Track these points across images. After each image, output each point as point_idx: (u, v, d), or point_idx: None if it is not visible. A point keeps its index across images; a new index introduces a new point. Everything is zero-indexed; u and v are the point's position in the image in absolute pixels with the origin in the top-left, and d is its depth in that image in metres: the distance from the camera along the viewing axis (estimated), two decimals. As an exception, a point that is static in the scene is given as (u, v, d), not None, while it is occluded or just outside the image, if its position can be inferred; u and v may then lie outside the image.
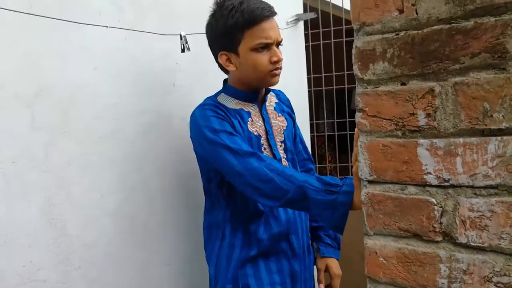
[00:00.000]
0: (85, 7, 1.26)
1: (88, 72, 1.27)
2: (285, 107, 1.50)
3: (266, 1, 1.30)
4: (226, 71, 1.39)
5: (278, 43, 1.31)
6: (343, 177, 1.07)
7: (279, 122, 1.41)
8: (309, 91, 2.60)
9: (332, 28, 2.55)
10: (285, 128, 1.42)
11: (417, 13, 0.68)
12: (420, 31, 0.68)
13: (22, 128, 1.12)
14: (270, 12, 1.27)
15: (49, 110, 1.17)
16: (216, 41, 1.32)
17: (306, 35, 2.55)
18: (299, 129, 1.56)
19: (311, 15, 2.42)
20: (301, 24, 2.47)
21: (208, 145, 1.24)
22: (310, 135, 2.59)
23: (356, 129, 0.79)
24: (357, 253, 1.49)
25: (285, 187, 1.09)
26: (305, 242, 1.43)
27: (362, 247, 0.78)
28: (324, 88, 2.66)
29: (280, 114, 1.44)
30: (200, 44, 1.59)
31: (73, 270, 1.22)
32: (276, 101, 1.47)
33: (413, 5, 0.68)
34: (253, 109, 1.37)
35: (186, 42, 1.47)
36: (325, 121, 2.91)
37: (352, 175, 1.02)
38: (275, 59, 1.28)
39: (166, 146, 1.51)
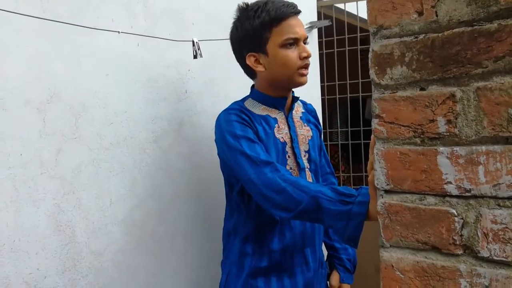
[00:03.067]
0: (98, 13, 1.26)
1: (99, 78, 1.26)
2: (311, 118, 1.48)
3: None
4: (252, 76, 1.38)
5: (305, 41, 1.31)
6: (358, 187, 1.04)
7: (304, 132, 1.40)
8: (323, 99, 2.58)
9: (346, 36, 2.52)
10: (310, 138, 1.40)
11: (437, 16, 0.65)
12: (440, 34, 0.65)
13: (32, 134, 1.11)
14: (295, 9, 1.29)
15: (60, 116, 1.17)
16: (243, 44, 1.32)
17: (320, 43, 2.53)
18: (323, 142, 1.54)
19: (325, 22, 2.40)
20: (315, 31, 2.45)
21: (228, 150, 1.23)
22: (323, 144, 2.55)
23: (372, 136, 0.76)
24: (372, 266, 1.46)
25: (298, 198, 1.06)
26: (321, 255, 1.40)
27: (377, 259, 0.75)
28: (338, 96, 2.63)
29: (305, 124, 1.42)
30: (212, 51, 1.58)
31: (81, 278, 1.20)
32: (303, 111, 1.46)
33: (433, 7, 0.65)
34: (279, 116, 1.36)
35: (199, 49, 1.46)
36: (339, 130, 2.87)
37: (366, 184, 0.98)
38: (304, 54, 1.28)
39: (177, 153, 1.49)
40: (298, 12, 1.30)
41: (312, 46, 2.45)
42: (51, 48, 1.15)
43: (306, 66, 1.30)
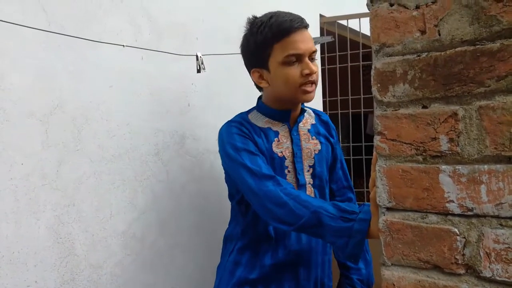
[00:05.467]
0: (103, 27, 1.27)
1: (103, 90, 1.27)
2: (323, 130, 1.42)
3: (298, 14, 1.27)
4: (260, 89, 1.38)
5: (311, 56, 1.26)
6: (361, 203, 1.03)
7: (311, 145, 1.35)
8: (325, 115, 2.58)
9: (349, 52, 2.54)
10: (317, 152, 1.35)
11: (439, 34, 0.66)
12: (443, 53, 0.65)
13: (35, 145, 1.11)
14: (299, 24, 1.23)
15: (62, 128, 1.17)
16: (249, 59, 1.31)
17: (322, 59, 2.54)
18: (341, 155, 1.49)
19: (328, 38, 2.41)
20: (317, 47, 2.47)
21: (229, 162, 1.23)
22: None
23: (374, 153, 0.75)
24: (373, 284, 1.44)
25: (299, 212, 1.05)
26: (318, 276, 1.34)
27: (378, 277, 0.74)
28: (340, 111, 2.64)
29: (314, 137, 1.37)
30: (216, 65, 1.59)
31: (79, 291, 1.19)
32: (314, 122, 1.41)
33: (435, 26, 0.66)
34: (282, 129, 1.33)
35: (202, 63, 1.47)
36: (340, 145, 2.86)
37: (367, 200, 0.98)
38: (306, 71, 1.22)
39: (179, 166, 1.49)
40: (305, 26, 1.25)
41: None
42: (55, 60, 1.16)
43: (310, 83, 1.24)
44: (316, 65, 1.27)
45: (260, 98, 1.39)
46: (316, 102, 2.47)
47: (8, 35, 1.06)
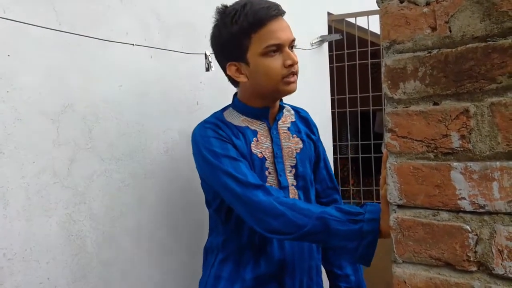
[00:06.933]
0: (112, 26, 1.28)
1: (113, 89, 1.28)
2: (303, 127, 1.33)
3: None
4: (235, 84, 1.26)
5: (291, 45, 1.18)
6: (361, 202, 1.02)
7: (291, 144, 1.26)
8: (333, 113, 2.58)
9: (357, 50, 2.53)
10: (298, 151, 1.26)
11: (450, 31, 0.65)
12: (454, 49, 0.65)
13: (46, 144, 1.12)
14: (277, 11, 1.14)
15: (73, 126, 1.18)
16: (223, 52, 1.21)
17: (330, 56, 2.54)
18: (324, 153, 1.40)
19: (336, 36, 2.41)
20: (325, 45, 2.46)
21: (208, 169, 1.14)
22: (333, 157, 2.55)
23: (384, 150, 0.75)
24: (383, 282, 1.43)
25: (299, 222, 0.99)
26: (304, 284, 1.25)
27: (388, 275, 0.74)
28: (348, 109, 2.63)
29: (294, 135, 1.28)
30: (225, 64, 1.59)
31: (91, 289, 1.20)
32: (294, 120, 1.32)
33: (446, 22, 0.66)
34: (260, 128, 1.23)
35: (211, 61, 1.48)
36: (349, 143, 2.86)
37: (376, 199, 0.97)
38: (289, 62, 1.15)
39: (188, 164, 1.50)
40: (282, 13, 1.16)
41: (323, 60, 2.46)
42: (66, 60, 1.17)
43: (292, 74, 1.17)
44: (295, 54, 1.18)
45: (235, 95, 1.30)
46: (325, 100, 2.47)
47: (19, 34, 1.07)
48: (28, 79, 1.09)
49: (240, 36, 1.14)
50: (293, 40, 1.18)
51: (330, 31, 2.49)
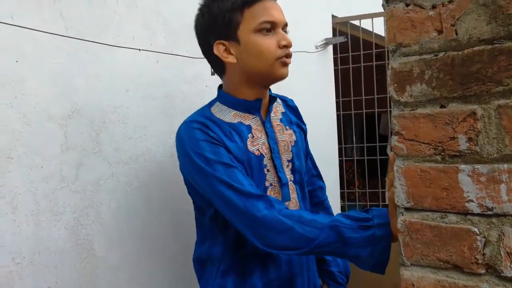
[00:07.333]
0: (119, 31, 1.29)
1: (119, 94, 1.29)
2: (293, 117, 1.25)
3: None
4: (221, 72, 1.16)
5: (284, 29, 1.12)
6: (365, 204, 1.00)
7: (286, 137, 1.18)
8: (338, 115, 2.58)
9: (361, 52, 2.53)
10: (293, 143, 1.19)
11: (457, 34, 0.65)
12: (460, 52, 0.65)
13: (54, 149, 1.13)
14: None
15: (81, 131, 1.19)
16: (210, 30, 1.11)
17: (335, 59, 2.54)
18: (307, 144, 1.33)
19: (341, 39, 2.41)
20: (330, 48, 2.47)
21: (199, 176, 1.04)
22: (339, 159, 2.55)
23: (391, 153, 0.75)
24: (391, 284, 1.42)
25: (309, 235, 0.93)
26: (310, 281, 1.21)
27: (396, 278, 0.74)
28: (353, 112, 2.63)
29: (287, 127, 1.20)
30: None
31: (98, 292, 1.21)
32: (283, 110, 1.23)
33: (452, 25, 0.66)
34: (254, 122, 1.14)
35: (216, 65, 1.48)
36: (354, 145, 2.86)
37: (382, 201, 0.96)
38: (284, 42, 1.07)
39: (194, 168, 1.50)
40: None
41: (328, 62, 2.47)
42: (73, 65, 1.18)
43: (287, 56, 1.09)
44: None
45: (220, 87, 1.20)
46: (329, 102, 2.47)
47: (27, 40, 1.08)
48: (36, 84, 1.10)
49: (231, 11, 1.07)
50: (286, 25, 1.13)
51: (334, 34, 2.50)
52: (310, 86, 2.26)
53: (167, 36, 1.43)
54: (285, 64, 1.09)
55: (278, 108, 1.22)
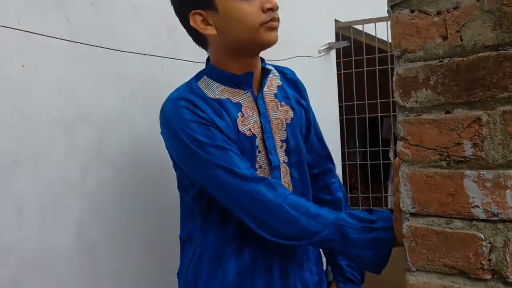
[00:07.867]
0: (124, 36, 1.30)
1: (125, 98, 1.29)
2: (292, 92, 1.13)
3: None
4: (204, 44, 1.06)
5: None
6: (367, 207, 0.99)
7: (280, 114, 1.07)
8: (341, 119, 2.58)
9: (364, 57, 2.53)
10: (289, 121, 1.08)
11: (462, 40, 0.66)
12: (465, 58, 0.65)
13: (59, 153, 1.14)
14: None
15: (86, 135, 1.19)
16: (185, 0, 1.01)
17: (338, 63, 2.55)
18: (314, 119, 1.20)
19: (344, 43, 2.42)
20: (333, 52, 2.47)
21: (190, 159, 0.97)
22: (341, 164, 2.55)
23: (396, 158, 0.76)
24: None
25: (312, 229, 0.90)
26: (296, 275, 1.11)
27: (401, 283, 0.74)
28: (356, 116, 2.64)
29: (283, 103, 1.09)
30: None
31: (103, 296, 1.21)
32: (280, 83, 1.12)
33: (457, 31, 0.66)
34: (244, 99, 1.04)
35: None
36: (357, 149, 2.86)
37: (385, 205, 0.96)
38: (268, 5, 0.95)
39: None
40: None
41: (331, 67, 2.47)
42: (79, 70, 1.19)
43: (273, 19, 0.97)
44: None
45: (208, 59, 1.10)
46: (333, 107, 2.48)
47: (33, 45, 1.09)
48: (41, 89, 1.11)
49: None
50: None
51: (337, 38, 2.51)
52: (313, 90, 2.26)
53: (172, 40, 1.43)
54: (272, 28, 0.98)
55: (273, 82, 1.11)
